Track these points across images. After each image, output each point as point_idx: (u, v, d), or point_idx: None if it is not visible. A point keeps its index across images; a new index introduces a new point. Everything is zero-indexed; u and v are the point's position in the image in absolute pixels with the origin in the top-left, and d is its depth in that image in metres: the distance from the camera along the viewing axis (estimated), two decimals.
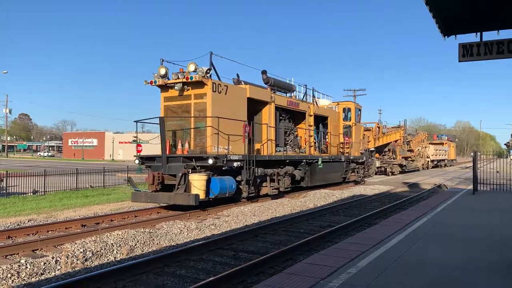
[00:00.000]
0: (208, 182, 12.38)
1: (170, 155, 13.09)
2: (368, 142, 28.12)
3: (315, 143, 20.34)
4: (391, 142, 34.66)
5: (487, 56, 8.65)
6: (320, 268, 5.49)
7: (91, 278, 6.15)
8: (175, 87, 13.27)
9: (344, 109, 23.56)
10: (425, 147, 46.68)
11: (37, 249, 8.10)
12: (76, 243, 8.20)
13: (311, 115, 19.64)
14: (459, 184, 24.58)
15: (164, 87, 13.79)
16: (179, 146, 13.25)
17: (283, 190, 16.67)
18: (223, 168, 12.97)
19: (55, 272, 6.93)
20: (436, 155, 50.08)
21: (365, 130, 27.69)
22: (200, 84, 13.07)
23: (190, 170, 12.43)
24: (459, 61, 8.81)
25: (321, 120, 21.57)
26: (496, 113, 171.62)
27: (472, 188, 15.57)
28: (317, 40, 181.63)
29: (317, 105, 20.51)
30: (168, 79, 13.45)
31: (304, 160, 18.24)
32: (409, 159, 39.24)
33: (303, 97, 19.65)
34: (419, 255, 6.06)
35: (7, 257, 7.53)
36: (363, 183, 25.34)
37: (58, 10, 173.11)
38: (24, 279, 6.52)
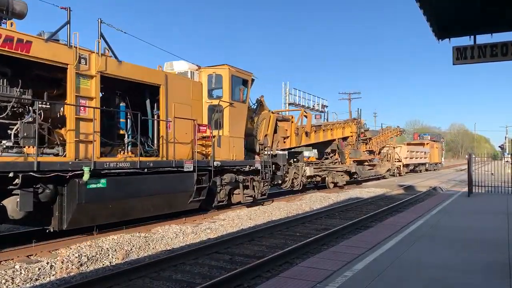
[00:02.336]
0: None
1: None
2: (286, 138, 18.48)
3: (127, 135, 10.51)
4: (334, 139, 23.74)
5: (481, 59, 8.78)
6: (317, 271, 5.49)
7: (86, 284, 6.13)
8: None
9: (210, 78, 12.89)
10: (394, 147, 35.96)
11: (32, 255, 8.03)
12: (71, 248, 8.15)
13: (90, 77, 9.15)
14: (454, 186, 24.74)
15: None
16: None
17: None
18: None
19: (50, 277, 6.87)
20: (411, 157, 40.50)
21: (280, 120, 18.01)
22: None
23: None
24: (453, 64, 8.94)
25: (149, 93, 11.19)
26: (491, 116, 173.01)
27: (467, 190, 15.64)
28: (314, 40, 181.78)
29: (115, 56, 9.81)
30: None
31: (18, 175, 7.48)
32: (365, 163, 27.26)
33: (57, 31, 8.74)
34: (415, 257, 6.08)
35: (1, 262, 7.45)
36: (269, 202, 15.67)
37: None
38: (18, 285, 6.47)
